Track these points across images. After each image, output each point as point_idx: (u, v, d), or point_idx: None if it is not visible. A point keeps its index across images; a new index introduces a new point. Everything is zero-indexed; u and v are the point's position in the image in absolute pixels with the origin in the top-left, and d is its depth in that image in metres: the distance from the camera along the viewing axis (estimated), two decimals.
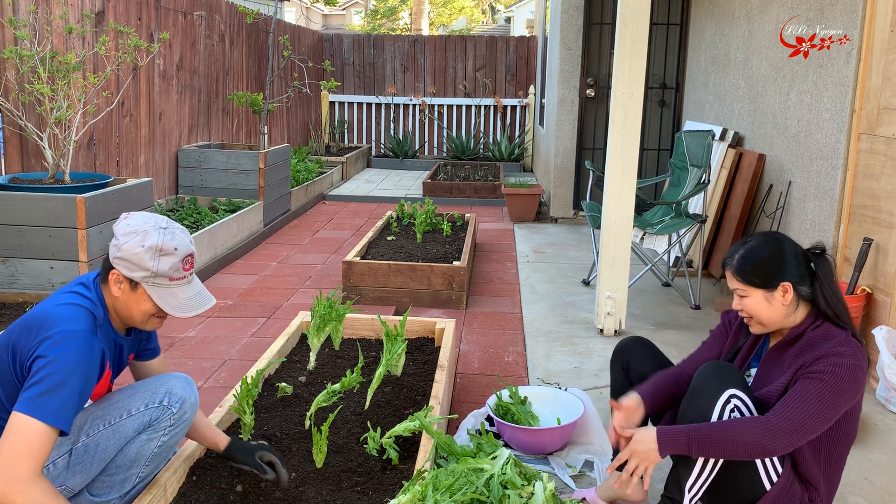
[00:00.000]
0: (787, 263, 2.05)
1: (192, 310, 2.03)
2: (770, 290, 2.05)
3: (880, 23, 3.58)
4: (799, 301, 2.06)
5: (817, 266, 2.06)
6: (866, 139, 3.66)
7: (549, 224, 7.26)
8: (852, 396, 1.94)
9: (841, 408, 1.93)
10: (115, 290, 1.99)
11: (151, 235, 1.96)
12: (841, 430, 2.03)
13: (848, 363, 1.93)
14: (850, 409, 2.01)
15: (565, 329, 4.20)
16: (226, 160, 6.47)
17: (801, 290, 2.05)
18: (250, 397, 2.61)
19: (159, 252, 1.96)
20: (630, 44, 3.85)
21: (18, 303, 3.75)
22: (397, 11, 28.20)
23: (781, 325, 2.09)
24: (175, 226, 2.04)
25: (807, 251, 2.10)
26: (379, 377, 2.84)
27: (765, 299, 2.06)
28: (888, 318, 3.40)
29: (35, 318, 1.91)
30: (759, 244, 2.10)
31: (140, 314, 2.01)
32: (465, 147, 11.11)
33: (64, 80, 4.36)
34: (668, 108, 7.24)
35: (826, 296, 2.03)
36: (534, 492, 2.08)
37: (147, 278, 1.96)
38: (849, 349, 1.96)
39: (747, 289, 2.08)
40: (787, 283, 2.04)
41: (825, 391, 1.91)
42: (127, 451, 2.07)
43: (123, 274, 1.97)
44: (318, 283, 5.06)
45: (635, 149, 3.95)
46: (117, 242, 1.98)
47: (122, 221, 2.01)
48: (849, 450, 2.08)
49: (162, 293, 1.99)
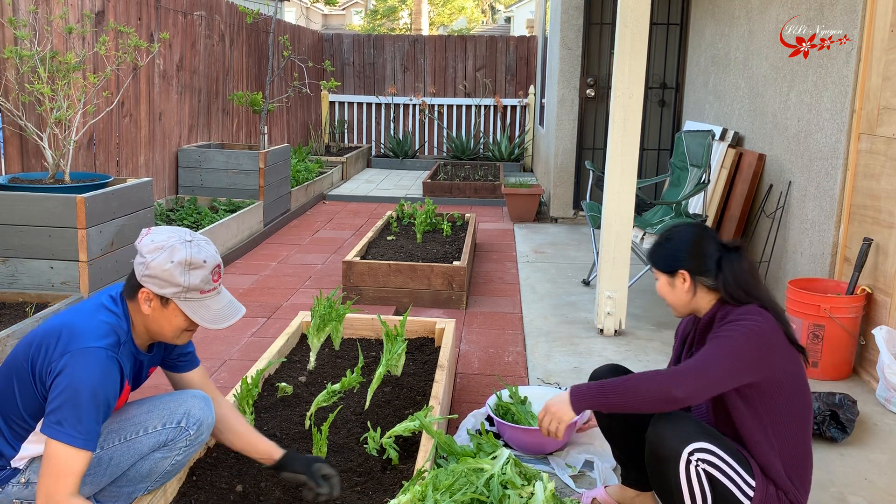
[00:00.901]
0: (690, 253, 2.19)
1: (226, 321, 2.02)
2: (671, 276, 2.21)
3: (880, 23, 3.58)
4: (698, 288, 2.18)
5: (723, 260, 2.17)
6: (866, 139, 3.66)
7: (549, 224, 7.26)
8: (756, 351, 2.00)
9: (742, 360, 1.99)
10: (146, 308, 1.96)
11: (179, 250, 1.94)
12: (781, 405, 2.04)
13: (747, 324, 2.03)
14: (783, 383, 2.03)
15: (565, 329, 4.20)
16: (226, 160, 6.47)
17: (701, 280, 2.17)
18: (250, 397, 2.61)
19: (189, 266, 1.94)
20: (630, 44, 3.85)
21: (18, 303, 3.75)
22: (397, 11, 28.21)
23: (689, 308, 2.23)
24: (199, 237, 2.02)
25: (722, 245, 2.21)
26: (379, 377, 2.84)
27: (668, 283, 2.23)
28: (888, 318, 3.40)
29: (58, 328, 1.90)
30: (672, 234, 2.27)
31: (172, 330, 2.00)
32: (465, 147, 11.11)
33: (64, 80, 4.36)
34: (668, 108, 7.24)
35: (729, 288, 2.13)
36: (534, 492, 2.08)
37: (178, 294, 1.94)
38: (750, 316, 2.07)
39: (655, 272, 2.27)
40: (684, 271, 2.18)
41: (723, 343, 2.02)
42: (140, 466, 2.07)
43: (154, 291, 1.94)
44: (318, 283, 5.06)
45: (635, 149, 3.95)
46: (144, 260, 1.94)
47: (146, 238, 1.98)
48: (805, 435, 2.06)
49: (195, 307, 1.97)
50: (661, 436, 2.01)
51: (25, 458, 1.97)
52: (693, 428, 2.01)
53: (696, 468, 1.96)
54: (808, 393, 2.10)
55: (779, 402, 2.04)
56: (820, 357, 3.50)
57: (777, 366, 2.03)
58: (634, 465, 2.35)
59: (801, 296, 3.53)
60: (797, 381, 2.07)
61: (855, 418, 2.92)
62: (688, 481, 1.97)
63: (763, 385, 2.02)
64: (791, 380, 2.06)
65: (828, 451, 2.83)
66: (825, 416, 2.89)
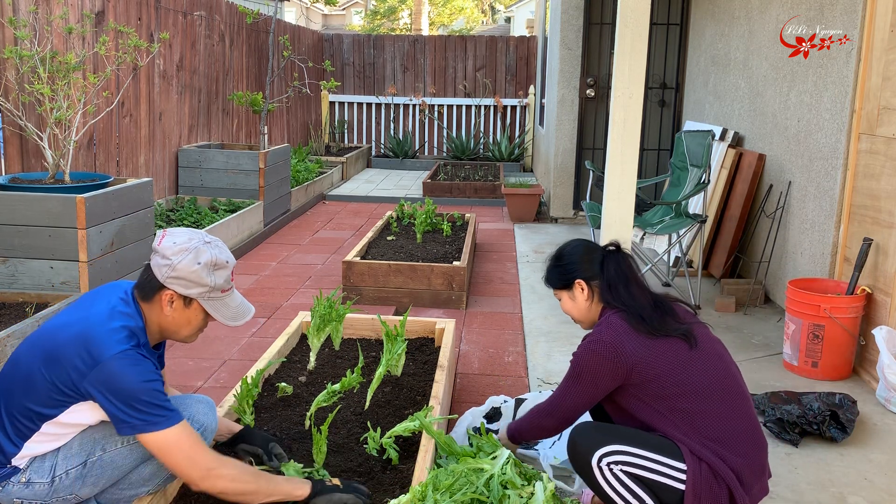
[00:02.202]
0: (579, 262, 2.27)
1: (242, 317, 2.13)
2: (570, 290, 2.29)
3: (880, 23, 3.58)
4: (595, 294, 2.26)
5: (605, 261, 2.26)
6: (866, 139, 3.66)
7: (549, 224, 7.26)
8: (598, 364, 2.09)
9: (590, 378, 2.11)
10: (167, 309, 2.02)
11: (203, 252, 2.02)
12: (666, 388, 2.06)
13: (588, 341, 2.14)
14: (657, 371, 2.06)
15: (565, 329, 4.20)
16: (226, 160, 6.46)
17: (595, 284, 2.25)
18: (250, 397, 2.61)
19: (214, 266, 2.03)
20: (630, 44, 3.85)
21: (18, 303, 3.75)
22: (397, 11, 28.20)
23: (592, 318, 2.29)
24: (215, 238, 2.10)
25: (603, 248, 2.30)
26: (379, 377, 2.84)
27: (569, 298, 2.31)
28: (888, 318, 3.40)
29: (78, 339, 1.91)
30: (559, 250, 2.35)
31: (190, 329, 2.08)
32: (465, 147, 11.11)
33: (64, 81, 4.36)
34: (668, 108, 7.24)
35: (604, 290, 2.22)
36: (534, 492, 2.08)
37: (204, 293, 2.03)
38: (595, 330, 2.17)
39: (557, 292, 2.34)
40: (580, 279, 2.25)
41: (569, 372, 2.18)
42: (142, 469, 2.07)
43: (178, 292, 2.00)
44: (318, 283, 5.06)
45: (635, 149, 3.95)
46: (170, 262, 1.99)
47: (166, 240, 2.02)
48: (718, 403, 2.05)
49: (217, 306, 2.07)
50: (572, 450, 2.11)
51: (27, 458, 1.97)
52: (599, 433, 2.07)
53: (612, 470, 2.01)
54: (699, 374, 2.08)
55: (664, 391, 2.06)
56: (820, 357, 3.50)
57: (637, 365, 2.06)
58: None
59: (801, 296, 3.53)
60: (674, 368, 2.07)
61: (855, 418, 2.93)
62: (608, 484, 2.02)
63: (636, 385, 2.08)
64: (665, 369, 2.07)
65: (828, 451, 2.83)
66: (825, 416, 2.89)
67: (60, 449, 1.99)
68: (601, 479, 2.02)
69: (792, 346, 3.59)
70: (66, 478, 1.98)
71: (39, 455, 1.98)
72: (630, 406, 2.13)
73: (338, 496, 2.09)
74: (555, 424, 2.25)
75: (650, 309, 2.16)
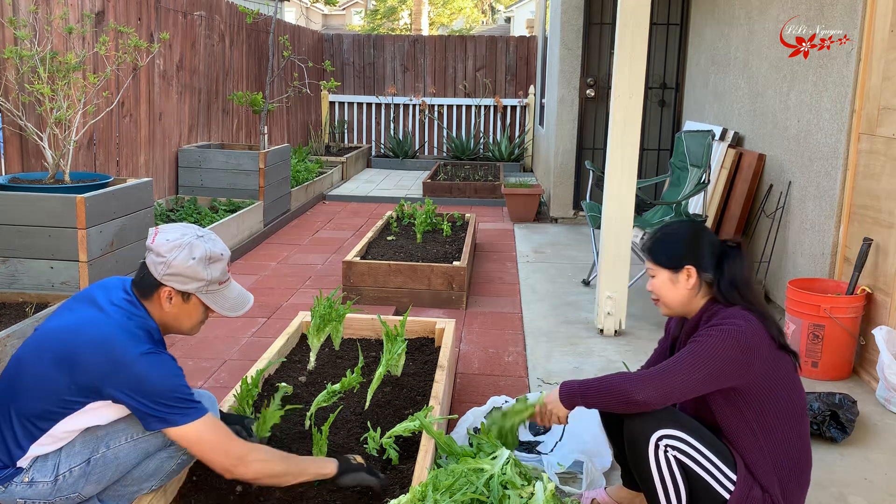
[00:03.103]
0: (695, 248, 2.13)
1: (242, 307, 2.15)
2: (675, 272, 2.14)
3: (880, 23, 3.58)
4: (702, 286, 2.13)
5: (726, 257, 2.13)
6: (866, 139, 3.66)
7: (549, 224, 7.26)
8: (732, 354, 1.95)
9: (716, 364, 1.95)
10: (167, 305, 2.04)
11: (197, 246, 2.02)
12: (770, 410, 2.01)
13: (727, 328, 1.98)
14: (771, 388, 2.00)
15: (565, 329, 4.20)
16: (226, 160, 6.46)
17: (705, 277, 2.12)
18: (250, 397, 2.61)
19: (209, 260, 2.03)
20: (630, 44, 3.85)
21: (18, 303, 3.75)
22: (397, 11, 28.20)
23: (686, 308, 2.16)
24: (207, 231, 2.10)
25: (723, 242, 2.17)
26: (379, 377, 2.84)
27: (669, 280, 2.15)
28: (888, 318, 3.40)
29: (98, 340, 1.91)
30: (674, 229, 2.21)
31: (192, 323, 2.11)
32: (465, 147, 11.11)
33: (64, 81, 4.36)
34: (668, 108, 7.24)
35: (724, 287, 2.09)
36: (534, 492, 2.08)
37: (201, 287, 2.04)
38: (732, 319, 2.01)
39: (655, 268, 2.19)
40: (691, 266, 2.12)
41: (695, 349, 1.97)
42: (145, 465, 2.07)
43: (176, 288, 2.02)
44: (318, 283, 5.06)
45: (635, 149, 3.95)
46: (165, 259, 2.00)
47: (158, 237, 2.03)
48: (800, 439, 2.04)
49: (216, 298, 2.09)
50: (633, 421, 2.03)
51: (30, 458, 1.97)
52: (666, 416, 2.01)
53: (666, 454, 1.96)
54: (801, 398, 2.07)
55: (767, 407, 2.01)
56: (820, 357, 3.50)
57: (760, 370, 1.98)
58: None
59: (801, 296, 3.53)
60: (787, 386, 2.03)
61: (855, 418, 2.93)
62: (657, 466, 1.97)
63: (747, 390, 1.99)
64: (780, 384, 2.02)
65: (828, 451, 2.83)
66: (825, 416, 2.89)
67: (63, 448, 1.99)
68: (652, 457, 1.98)
69: (792, 345, 3.58)
70: (69, 476, 1.98)
71: (42, 455, 1.98)
72: (719, 407, 2.03)
73: (362, 475, 2.15)
74: (645, 400, 1.96)
75: (773, 317, 2.07)
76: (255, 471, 1.99)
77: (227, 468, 1.97)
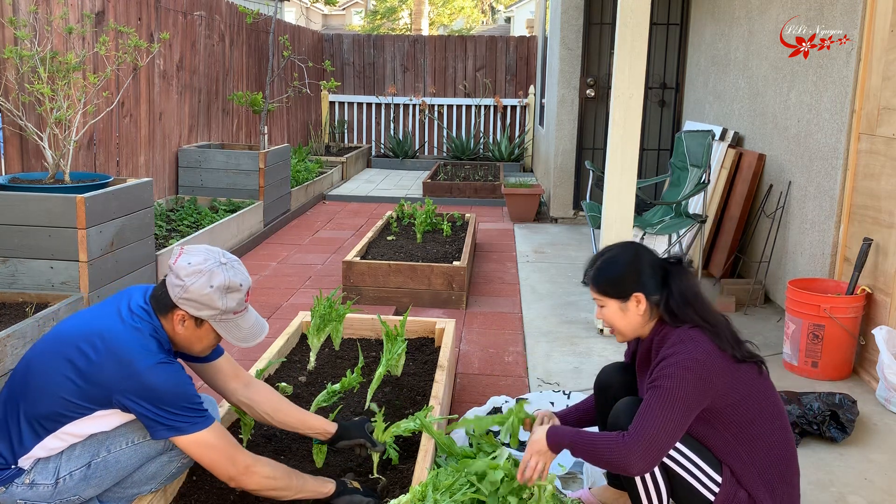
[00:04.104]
0: (641, 274, 2.09)
1: (255, 338, 2.11)
2: (624, 301, 2.10)
3: (880, 23, 3.58)
4: (652, 309, 2.09)
5: (670, 275, 2.10)
6: (866, 139, 3.66)
7: (549, 224, 7.26)
8: (694, 385, 1.92)
9: (685, 401, 1.92)
10: (179, 328, 2.03)
11: (217, 274, 1.99)
12: (742, 419, 1.99)
13: (680, 360, 1.94)
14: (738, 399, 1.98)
15: (565, 329, 4.20)
16: (226, 160, 6.46)
17: (653, 300, 2.08)
18: None
19: (227, 290, 2.00)
20: (630, 44, 3.85)
21: (18, 303, 3.75)
22: (397, 11, 28.21)
23: (638, 333, 2.14)
24: (232, 258, 2.08)
25: (663, 261, 2.13)
26: (379, 377, 2.84)
27: (620, 309, 2.11)
28: (888, 318, 3.40)
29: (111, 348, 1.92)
30: (616, 255, 2.15)
31: (201, 346, 2.09)
32: (465, 147, 11.11)
33: (64, 80, 4.36)
34: (668, 108, 7.24)
35: (675, 305, 2.05)
36: (533, 492, 2.08)
37: (215, 315, 2.01)
38: (681, 346, 1.97)
39: (603, 299, 2.14)
40: (640, 293, 2.08)
41: (665, 398, 1.92)
42: (146, 468, 2.08)
43: (190, 313, 2.00)
44: (318, 283, 5.06)
45: (635, 149, 3.95)
46: (182, 283, 1.98)
47: (181, 260, 2.01)
48: (782, 440, 2.03)
49: (229, 327, 2.06)
50: (618, 424, 2.04)
51: (32, 458, 1.97)
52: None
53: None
54: (772, 399, 2.05)
55: (738, 418, 1.99)
56: (820, 357, 3.50)
57: (722, 388, 1.97)
58: None
59: (801, 296, 3.53)
60: (753, 393, 2.02)
61: (855, 418, 2.92)
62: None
63: (714, 407, 1.98)
64: (746, 394, 2.00)
65: (828, 451, 2.83)
66: (825, 416, 2.89)
67: (64, 451, 1.99)
68: None
69: (792, 346, 3.59)
70: (70, 479, 1.98)
71: (43, 457, 1.98)
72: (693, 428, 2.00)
73: (358, 498, 2.16)
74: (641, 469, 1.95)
75: (727, 328, 2.04)
76: (258, 482, 2.01)
77: (232, 476, 1.98)
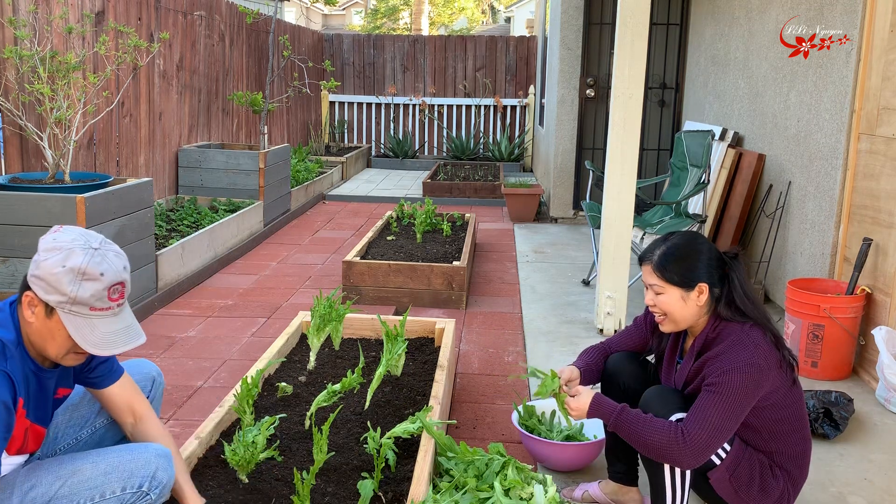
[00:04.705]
0: (707, 265, 2.10)
1: (113, 347, 1.74)
2: (687, 290, 2.09)
3: (880, 23, 3.58)
4: (710, 302, 2.10)
5: (731, 269, 2.11)
6: (866, 139, 3.67)
7: (549, 224, 7.26)
8: (757, 394, 1.99)
9: (745, 407, 1.98)
10: (28, 313, 1.72)
11: (76, 255, 1.69)
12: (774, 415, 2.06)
13: (740, 365, 1.96)
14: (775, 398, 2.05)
15: (565, 329, 4.20)
16: (226, 160, 6.47)
17: (714, 292, 2.09)
18: (250, 397, 2.61)
19: (81, 275, 1.69)
20: (630, 44, 3.85)
21: None
22: (397, 11, 28.21)
23: (690, 324, 2.14)
24: (110, 248, 1.77)
25: (722, 254, 2.14)
26: (379, 377, 2.84)
27: (681, 298, 2.09)
28: (888, 318, 3.40)
29: None
30: (682, 243, 2.14)
31: (55, 346, 1.73)
32: (465, 147, 11.11)
33: (64, 80, 4.36)
34: (668, 108, 7.24)
35: (728, 299, 2.08)
36: (533, 493, 2.09)
37: (63, 304, 1.69)
38: (741, 348, 1.99)
39: (665, 286, 2.11)
40: (704, 284, 2.08)
41: (721, 404, 1.95)
42: None
43: (38, 296, 1.69)
44: (318, 283, 5.06)
45: (635, 149, 3.95)
46: (37, 258, 1.71)
47: (50, 234, 1.75)
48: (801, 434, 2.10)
49: (79, 323, 1.71)
50: (650, 405, 2.07)
51: None
52: (680, 400, 2.07)
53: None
54: (800, 396, 2.13)
55: (770, 413, 2.06)
56: (820, 357, 3.50)
57: (768, 388, 2.02)
58: (620, 457, 2.37)
59: (801, 296, 3.53)
60: (788, 391, 2.08)
61: (849, 416, 2.93)
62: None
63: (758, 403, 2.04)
64: (783, 390, 2.06)
65: (827, 450, 2.83)
66: (818, 413, 2.91)
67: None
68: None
69: (791, 346, 3.59)
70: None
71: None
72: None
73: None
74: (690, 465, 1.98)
75: (772, 322, 2.07)
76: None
77: None
